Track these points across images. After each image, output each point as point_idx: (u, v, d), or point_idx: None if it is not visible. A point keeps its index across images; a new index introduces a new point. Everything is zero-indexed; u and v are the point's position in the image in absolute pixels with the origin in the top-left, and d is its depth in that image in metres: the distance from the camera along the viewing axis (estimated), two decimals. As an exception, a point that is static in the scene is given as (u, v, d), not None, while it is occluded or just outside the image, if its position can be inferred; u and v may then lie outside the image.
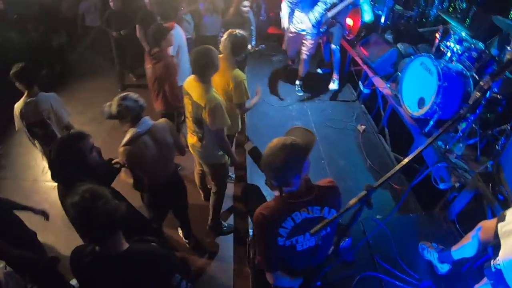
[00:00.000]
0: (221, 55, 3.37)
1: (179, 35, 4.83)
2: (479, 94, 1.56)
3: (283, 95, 6.11)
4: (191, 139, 3.49)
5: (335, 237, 2.23)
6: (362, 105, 5.95)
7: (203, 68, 3.03)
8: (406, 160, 1.56)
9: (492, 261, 2.30)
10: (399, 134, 4.79)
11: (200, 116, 3.10)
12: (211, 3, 6.44)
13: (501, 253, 2.22)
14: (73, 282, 3.36)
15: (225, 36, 3.48)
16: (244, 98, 3.55)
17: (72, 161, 2.33)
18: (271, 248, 2.01)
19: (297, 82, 6.23)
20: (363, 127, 5.16)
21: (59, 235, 3.93)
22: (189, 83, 3.21)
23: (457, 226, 3.39)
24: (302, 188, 1.96)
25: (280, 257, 2.10)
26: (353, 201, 1.50)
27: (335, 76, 6.22)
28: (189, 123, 3.41)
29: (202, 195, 4.46)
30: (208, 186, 4.29)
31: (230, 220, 4.34)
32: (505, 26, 3.73)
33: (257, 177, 3.90)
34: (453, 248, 2.86)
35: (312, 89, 6.28)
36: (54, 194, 2.44)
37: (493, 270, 2.29)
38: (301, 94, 6.16)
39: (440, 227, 3.50)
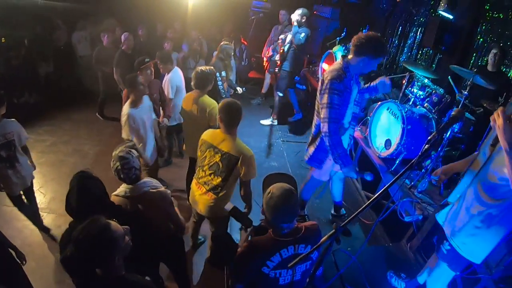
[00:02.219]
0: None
1: (178, 77, 5.19)
2: (427, 146, 1.78)
3: (261, 136, 6.43)
4: (198, 190, 3.36)
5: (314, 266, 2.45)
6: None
7: (236, 121, 3.19)
8: (370, 200, 1.73)
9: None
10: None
11: (231, 167, 3.13)
12: (195, 49, 6.85)
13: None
14: None
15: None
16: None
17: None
18: (249, 271, 2.24)
19: None
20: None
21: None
22: (214, 136, 3.24)
23: (422, 255, 3.67)
24: (292, 229, 2.25)
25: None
26: (323, 239, 1.70)
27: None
28: (201, 174, 3.33)
29: (191, 242, 4.24)
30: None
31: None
32: (462, 73, 4.15)
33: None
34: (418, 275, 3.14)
35: (289, 133, 6.67)
36: (15, 217, 2.44)
37: (445, 252, 2.63)
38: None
39: (407, 257, 3.80)
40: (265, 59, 7.78)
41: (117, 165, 2.69)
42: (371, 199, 1.72)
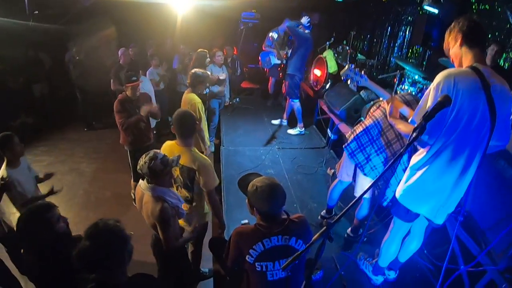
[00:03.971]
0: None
1: (146, 84, 5.64)
2: (414, 134, 1.75)
3: (256, 145, 6.41)
4: None
5: (307, 270, 2.43)
6: (331, 151, 6.31)
7: (189, 132, 3.24)
8: (360, 194, 1.74)
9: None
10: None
11: (192, 180, 3.18)
12: (186, 64, 6.92)
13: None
14: None
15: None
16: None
17: (41, 231, 2.32)
18: (237, 261, 2.34)
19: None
20: (332, 170, 5.41)
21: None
22: (171, 150, 3.21)
23: (425, 251, 3.61)
24: (276, 221, 2.29)
25: (253, 285, 2.34)
26: (315, 236, 1.67)
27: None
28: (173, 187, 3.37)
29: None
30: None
31: (209, 264, 4.34)
32: (451, 66, 4.10)
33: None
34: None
35: (284, 139, 6.70)
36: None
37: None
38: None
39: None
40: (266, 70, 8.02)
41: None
42: (361, 193, 1.73)
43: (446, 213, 2.61)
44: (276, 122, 7.40)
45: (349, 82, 3.20)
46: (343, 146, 3.58)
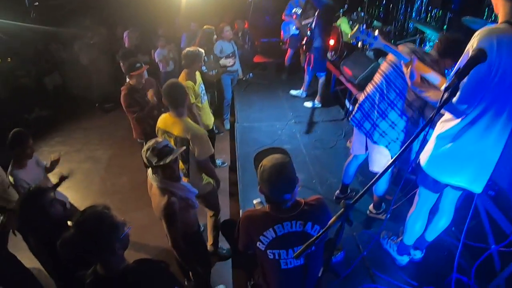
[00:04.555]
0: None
1: None
2: (446, 94, 1.53)
3: (272, 120, 6.23)
4: None
5: (326, 253, 2.24)
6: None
7: (179, 101, 3.19)
8: (386, 167, 1.50)
9: None
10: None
11: (186, 150, 3.13)
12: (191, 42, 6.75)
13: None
14: None
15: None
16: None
17: (36, 217, 2.39)
18: (248, 247, 2.17)
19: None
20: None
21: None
22: (165, 121, 3.30)
23: (453, 228, 3.40)
24: (291, 204, 2.06)
25: (266, 273, 2.17)
26: (332, 220, 1.49)
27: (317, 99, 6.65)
28: None
29: None
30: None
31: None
32: (476, 25, 3.80)
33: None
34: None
35: (300, 113, 6.46)
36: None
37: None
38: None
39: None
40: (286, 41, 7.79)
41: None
42: (386, 166, 1.51)
43: (485, 180, 2.37)
44: (294, 92, 7.17)
45: (359, 45, 2.95)
46: (349, 118, 3.44)
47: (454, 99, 2.06)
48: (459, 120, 2.24)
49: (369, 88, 3.31)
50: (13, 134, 3.27)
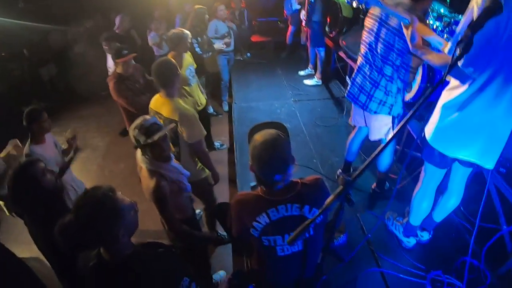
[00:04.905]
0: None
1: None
2: (459, 49, 1.35)
3: (270, 99, 6.10)
4: None
5: (327, 233, 2.07)
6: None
7: (169, 81, 3.02)
8: (387, 141, 1.31)
9: None
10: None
11: (175, 132, 2.99)
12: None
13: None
14: None
15: None
16: None
17: (28, 188, 2.31)
18: (242, 234, 1.94)
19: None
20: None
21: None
22: (156, 102, 3.15)
23: (461, 208, 3.21)
24: (285, 185, 1.86)
25: (262, 260, 2.00)
26: (329, 199, 1.31)
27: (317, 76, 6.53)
28: None
29: None
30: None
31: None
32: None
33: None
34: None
35: (300, 91, 6.32)
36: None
37: None
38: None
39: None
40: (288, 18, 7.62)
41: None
42: (388, 141, 1.32)
43: (496, 155, 2.19)
44: (302, 73, 7.01)
45: (354, 4, 2.76)
46: (346, 96, 3.36)
47: (460, 62, 1.90)
48: (466, 86, 2.06)
49: (359, 60, 3.23)
50: (28, 110, 3.29)
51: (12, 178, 2.34)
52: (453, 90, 2.14)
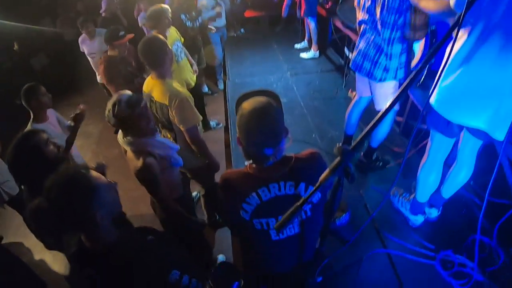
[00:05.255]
0: None
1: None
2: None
3: (266, 74, 5.97)
4: None
5: (326, 214, 1.83)
6: (352, 71, 5.56)
7: (158, 61, 2.76)
8: (385, 109, 1.06)
9: None
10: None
11: (167, 117, 2.77)
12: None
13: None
14: None
15: None
16: None
17: (30, 157, 2.29)
18: (233, 217, 1.71)
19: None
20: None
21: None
22: (148, 84, 2.91)
23: (471, 183, 3.01)
24: (277, 161, 1.64)
25: (254, 245, 1.81)
26: (324, 174, 1.08)
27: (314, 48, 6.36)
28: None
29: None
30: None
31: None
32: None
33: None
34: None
35: (296, 64, 6.17)
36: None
37: None
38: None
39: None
40: None
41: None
42: (386, 108, 1.07)
43: (508, 123, 1.96)
44: (298, 46, 6.83)
45: None
46: (350, 65, 3.22)
47: (452, 2, 1.83)
48: (465, 36, 1.88)
49: (362, 26, 3.09)
50: (24, 88, 3.26)
51: (14, 145, 2.29)
52: (456, 43, 1.94)
